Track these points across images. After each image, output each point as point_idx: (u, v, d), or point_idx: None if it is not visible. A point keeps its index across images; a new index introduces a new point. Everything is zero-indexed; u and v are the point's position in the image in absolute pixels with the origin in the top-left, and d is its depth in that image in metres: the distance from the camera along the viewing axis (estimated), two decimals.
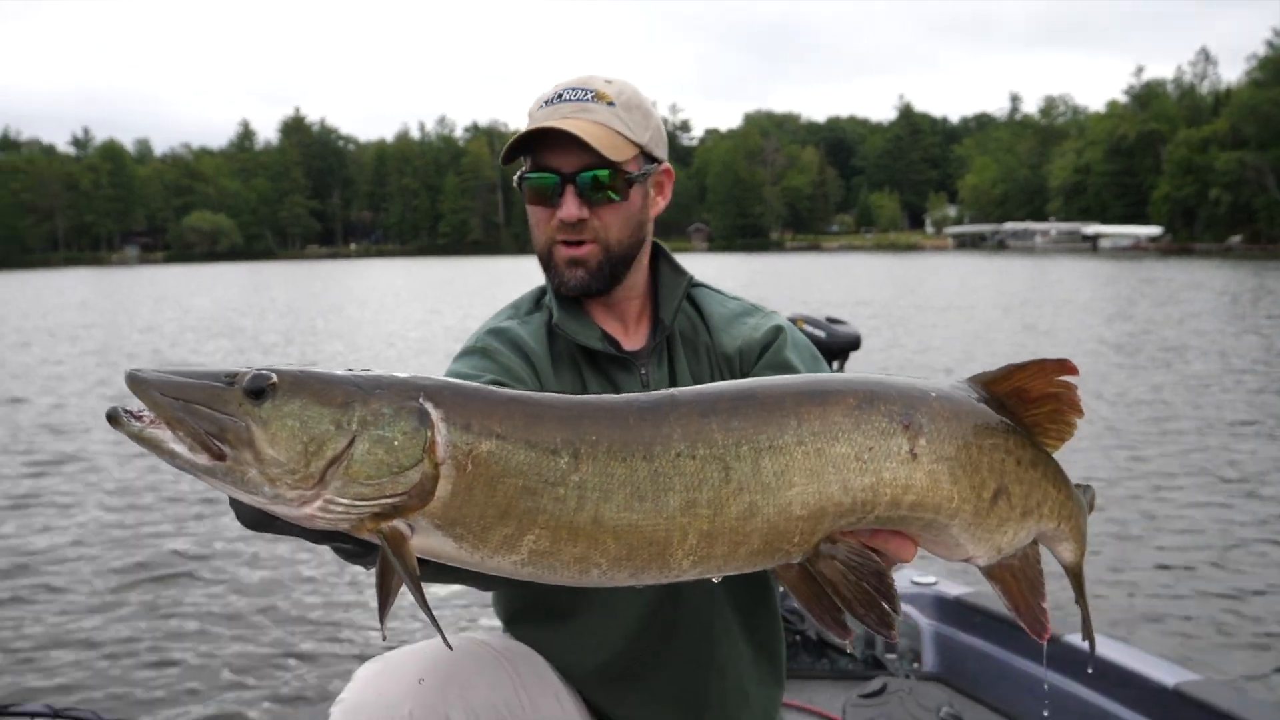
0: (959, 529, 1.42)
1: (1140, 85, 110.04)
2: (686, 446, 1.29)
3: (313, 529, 1.28)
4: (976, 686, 3.58)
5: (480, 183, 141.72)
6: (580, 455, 1.27)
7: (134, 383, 1.22)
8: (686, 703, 2.11)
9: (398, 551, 1.24)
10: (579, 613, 2.09)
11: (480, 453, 1.25)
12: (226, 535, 8.44)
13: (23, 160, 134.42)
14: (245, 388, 1.22)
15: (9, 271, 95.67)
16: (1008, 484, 1.45)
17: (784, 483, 1.31)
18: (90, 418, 14.01)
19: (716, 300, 2.29)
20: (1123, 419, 12.56)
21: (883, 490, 1.35)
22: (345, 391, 1.25)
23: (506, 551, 1.27)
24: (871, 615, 1.36)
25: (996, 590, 1.54)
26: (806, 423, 1.33)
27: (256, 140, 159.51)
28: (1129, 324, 24.64)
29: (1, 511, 9.28)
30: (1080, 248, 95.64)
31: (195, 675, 5.93)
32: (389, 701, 1.74)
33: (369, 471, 1.22)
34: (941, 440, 1.38)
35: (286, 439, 1.21)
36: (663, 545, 1.28)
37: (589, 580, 1.30)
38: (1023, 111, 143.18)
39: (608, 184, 2.04)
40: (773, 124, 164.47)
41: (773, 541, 1.32)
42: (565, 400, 1.34)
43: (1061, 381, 1.49)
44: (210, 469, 1.21)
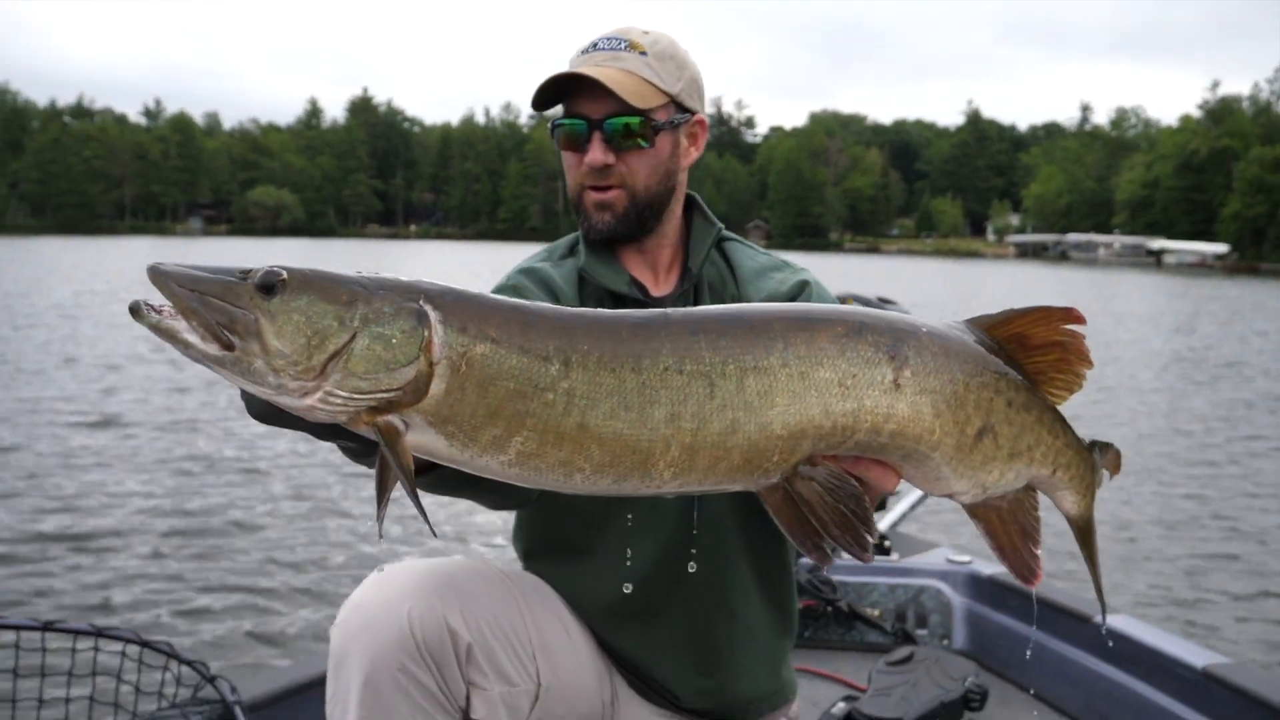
0: (941, 462, 1.46)
1: (1215, 100, 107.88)
2: (674, 361, 1.35)
3: (313, 421, 1.34)
4: (1006, 666, 3.59)
5: (542, 170, 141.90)
6: (571, 363, 1.33)
7: (155, 274, 1.29)
8: (695, 645, 2.14)
9: (392, 445, 1.30)
10: (594, 552, 2.13)
11: (474, 355, 1.31)
12: (265, 481, 8.79)
13: (95, 128, 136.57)
14: (257, 283, 1.29)
15: (77, 237, 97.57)
16: (994, 423, 1.47)
17: (767, 402, 1.36)
18: (140, 379, 14.32)
19: (747, 254, 2.31)
20: (1178, 428, 12.40)
21: (864, 417, 1.39)
22: (350, 290, 1.31)
23: (495, 452, 1.33)
24: (846, 536, 1.41)
25: (980, 530, 1.57)
26: (793, 346, 1.38)
27: (324, 119, 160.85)
28: (1190, 338, 24.21)
29: (54, 460, 9.65)
30: (1144, 262, 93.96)
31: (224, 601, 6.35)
32: (388, 599, 1.80)
33: (367, 366, 1.28)
34: (927, 373, 1.42)
35: (291, 332, 1.27)
36: (645, 455, 1.34)
37: (572, 485, 1.37)
38: (1093, 122, 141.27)
39: (634, 131, 2.06)
40: (838, 124, 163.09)
41: (752, 459, 1.37)
42: (560, 310, 1.39)
43: (1068, 330, 1.50)
44: (219, 359, 1.27)
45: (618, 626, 2.14)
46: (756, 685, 2.19)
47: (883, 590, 3.83)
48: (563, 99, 2.11)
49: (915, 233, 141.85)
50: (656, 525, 2.09)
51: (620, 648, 2.16)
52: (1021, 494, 1.57)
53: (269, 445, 10.36)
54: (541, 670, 1.98)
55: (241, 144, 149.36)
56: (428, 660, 1.79)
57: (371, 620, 1.78)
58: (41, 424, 11.14)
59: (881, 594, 3.83)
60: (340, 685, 1.79)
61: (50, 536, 7.38)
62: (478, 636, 1.86)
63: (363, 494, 8.66)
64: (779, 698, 2.25)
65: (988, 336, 1.51)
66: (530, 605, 2.03)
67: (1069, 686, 3.36)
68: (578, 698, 2.07)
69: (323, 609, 6.25)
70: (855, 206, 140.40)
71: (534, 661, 1.97)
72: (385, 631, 1.77)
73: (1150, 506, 8.96)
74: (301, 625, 6.02)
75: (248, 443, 10.62)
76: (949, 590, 3.78)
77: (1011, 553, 1.56)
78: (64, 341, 18.27)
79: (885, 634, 3.72)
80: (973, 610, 3.74)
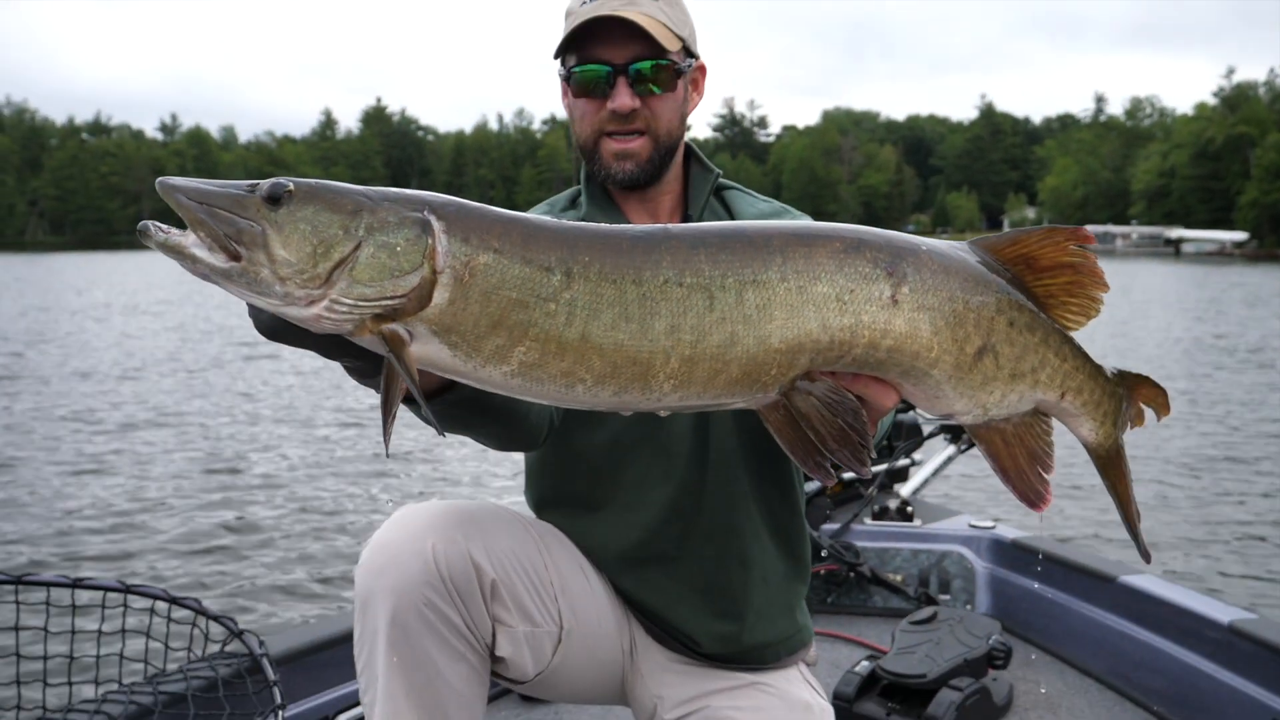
0: (940, 380, 1.46)
1: (1230, 87, 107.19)
2: (674, 274, 1.36)
3: (319, 331, 1.35)
4: (1029, 628, 3.58)
5: (556, 175, 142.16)
6: (573, 274, 1.34)
7: (164, 187, 1.31)
8: (710, 591, 2.13)
9: (396, 352, 1.32)
10: (606, 501, 2.13)
11: (478, 264, 1.32)
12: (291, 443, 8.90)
13: (112, 144, 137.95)
14: (264, 194, 1.30)
15: (96, 252, 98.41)
16: (995, 343, 1.46)
17: (765, 316, 1.37)
18: (168, 383, 14.50)
19: (747, 201, 2.30)
20: (1203, 413, 12.34)
21: (861, 332, 1.40)
22: (355, 201, 1.33)
23: (497, 362, 1.34)
24: (844, 450, 1.42)
25: (983, 452, 1.56)
26: (791, 261, 1.39)
27: (338, 129, 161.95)
28: (1214, 325, 24.06)
29: (80, 433, 9.75)
30: (1162, 251, 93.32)
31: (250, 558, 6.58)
32: (411, 535, 1.80)
33: (372, 274, 1.29)
34: (925, 290, 1.42)
35: (298, 241, 1.29)
36: (646, 366, 1.36)
37: (573, 397, 1.38)
38: (1107, 113, 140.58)
39: (658, 74, 2.05)
40: (851, 121, 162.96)
41: (751, 372, 1.39)
42: (562, 224, 1.40)
43: (1077, 250, 1.49)
44: (226, 271, 1.29)
45: (633, 574, 2.14)
46: (773, 628, 2.19)
47: (905, 556, 3.82)
48: (573, 47, 2.09)
49: (931, 228, 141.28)
50: (667, 473, 2.10)
51: (637, 595, 2.16)
52: (1030, 418, 1.55)
53: (290, 406, 10.63)
54: (564, 613, 1.98)
55: (257, 156, 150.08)
56: (453, 594, 1.78)
57: (395, 557, 1.78)
58: (65, 413, 11.32)
59: (904, 559, 3.82)
60: (367, 624, 1.79)
61: (78, 500, 7.67)
62: (501, 573, 1.86)
63: (378, 443, 8.95)
64: (795, 641, 2.24)
65: (992, 257, 1.50)
66: (549, 549, 2.04)
67: (1094, 647, 3.35)
68: (598, 644, 2.07)
69: (348, 564, 6.36)
70: (870, 203, 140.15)
71: (556, 604, 1.97)
72: (409, 567, 1.76)
73: (1178, 477, 9.01)
74: (328, 580, 6.15)
75: (268, 404, 10.95)
76: (971, 555, 3.78)
77: (1016, 476, 1.55)
78: (81, 349, 18.46)
79: (908, 599, 3.72)
80: (995, 574, 3.74)
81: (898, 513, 3.99)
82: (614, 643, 2.12)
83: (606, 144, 2.12)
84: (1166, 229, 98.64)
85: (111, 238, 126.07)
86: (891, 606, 3.74)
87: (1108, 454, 1.62)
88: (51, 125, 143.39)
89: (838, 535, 3.81)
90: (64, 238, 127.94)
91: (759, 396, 1.42)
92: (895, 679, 2.95)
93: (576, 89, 2.10)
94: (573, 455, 2.12)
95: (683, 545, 2.12)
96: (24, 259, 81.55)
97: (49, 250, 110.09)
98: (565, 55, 2.12)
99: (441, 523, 1.83)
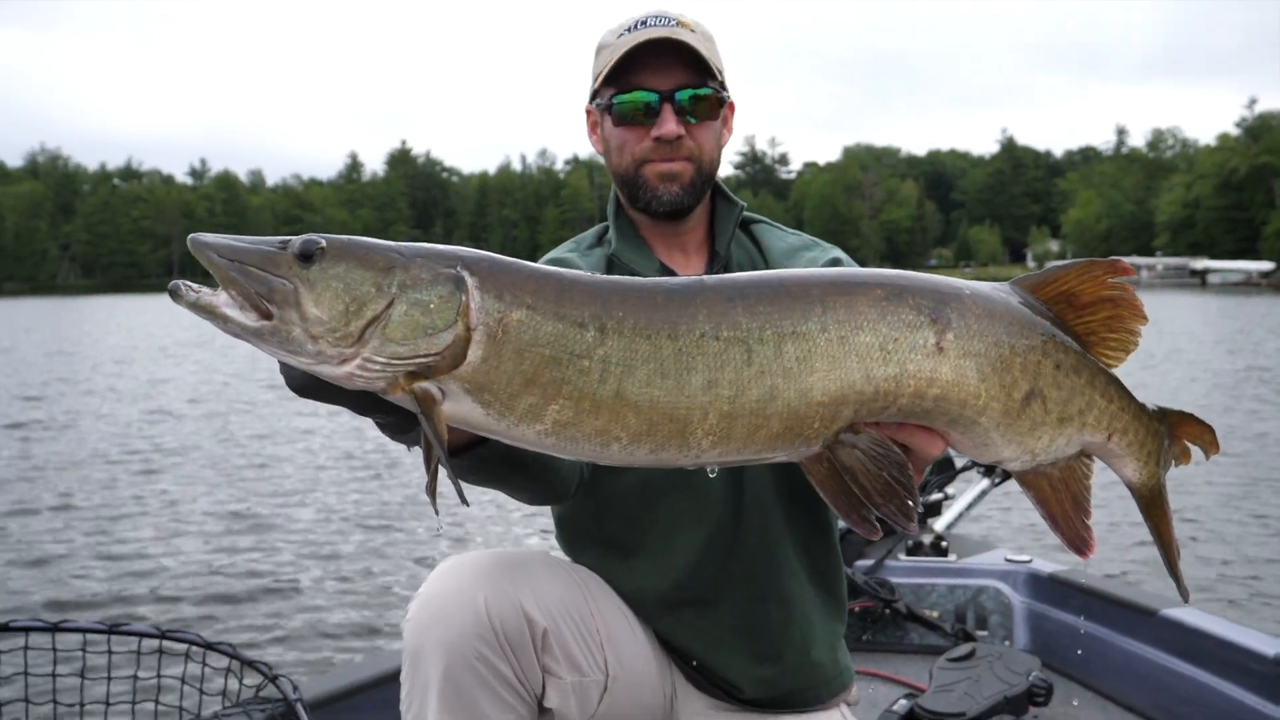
0: (988, 427, 1.42)
1: (1253, 117, 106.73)
2: (711, 328, 1.33)
3: (351, 389, 1.33)
4: (1069, 664, 3.52)
5: (579, 214, 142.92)
6: (607, 330, 1.32)
7: (195, 245, 1.30)
8: (749, 634, 2.10)
9: (428, 413, 1.30)
10: (640, 546, 2.10)
11: (511, 321, 1.30)
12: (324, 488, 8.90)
13: (143, 189, 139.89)
14: (295, 251, 1.29)
15: (127, 295, 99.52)
16: (1042, 387, 1.43)
17: (806, 368, 1.34)
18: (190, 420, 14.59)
19: (775, 234, 2.28)
20: (1242, 445, 12.19)
21: (906, 381, 1.36)
22: (387, 257, 1.32)
23: (531, 420, 1.32)
24: (890, 505, 1.38)
25: (1031, 499, 1.53)
26: (831, 311, 1.35)
27: (364, 172, 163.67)
28: (1250, 357, 23.82)
29: (111, 475, 9.80)
30: (1188, 283, 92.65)
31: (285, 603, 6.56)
32: (462, 588, 1.77)
33: (405, 332, 1.28)
34: (970, 336, 1.39)
35: (330, 299, 1.28)
36: (683, 423, 1.33)
37: (609, 455, 1.35)
38: (1129, 145, 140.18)
39: (706, 102, 2.05)
40: (871, 157, 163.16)
41: (792, 426, 1.35)
42: (596, 278, 1.38)
43: (1116, 284, 1.46)
44: (259, 330, 1.28)
45: (671, 619, 2.11)
46: (815, 671, 2.16)
47: (941, 591, 3.77)
48: (617, 77, 2.07)
49: (954, 262, 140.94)
50: (700, 515, 2.07)
51: (676, 640, 2.12)
52: (1074, 461, 1.51)
53: (320, 449, 10.66)
54: (610, 661, 1.95)
55: (285, 199, 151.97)
56: (505, 648, 1.76)
57: (445, 611, 1.75)
58: (96, 450, 11.44)
59: (940, 595, 3.78)
60: (417, 679, 1.76)
61: (113, 545, 7.70)
62: (551, 623, 1.83)
63: (410, 489, 8.93)
64: (838, 683, 2.21)
65: (1033, 297, 1.47)
66: (594, 596, 2.01)
67: (1136, 682, 3.28)
68: (642, 691, 2.04)
69: (382, 608, 6.36)
70: (892, 238, 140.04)
71: (602, 652, 1.95)
72: (461, 621, 1.74)
73: (1220, 509, 8.94)
74: (361, 623, 6.12)
75: (298, 448, 10.97)
76: (1008, 590, 3.72)
77: (1064, 522, 1.51)
78: (108, 392, 18.61)
79: (945, 635, 3.66)
80: (1033, 609, 3.68)
81: (932, 548, 3.94)
82: (656, 689, 2.09)
83: (650, 168, 2.09)
84: (1192, 260, 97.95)
85: (142, 280, 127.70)
86: (928, 643, 3.69)
87: (1151, 494, 1.58)
88: (84, 171, 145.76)
89: (872, 571, 3.77)
90: (95, 281, 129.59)
91: (801, 450, 1.39)
92: (934, 718, 2.90)
93: (618, 118, 2.08)
94: (602, 499, 2.09)
95: (719, 588, 2.09)
96: (56, 302, 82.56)
97: (80, 294, 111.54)
98: (601, 89, 2.10)
99: (491, 574, 1.81)
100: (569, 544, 2.22)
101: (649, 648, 2.09)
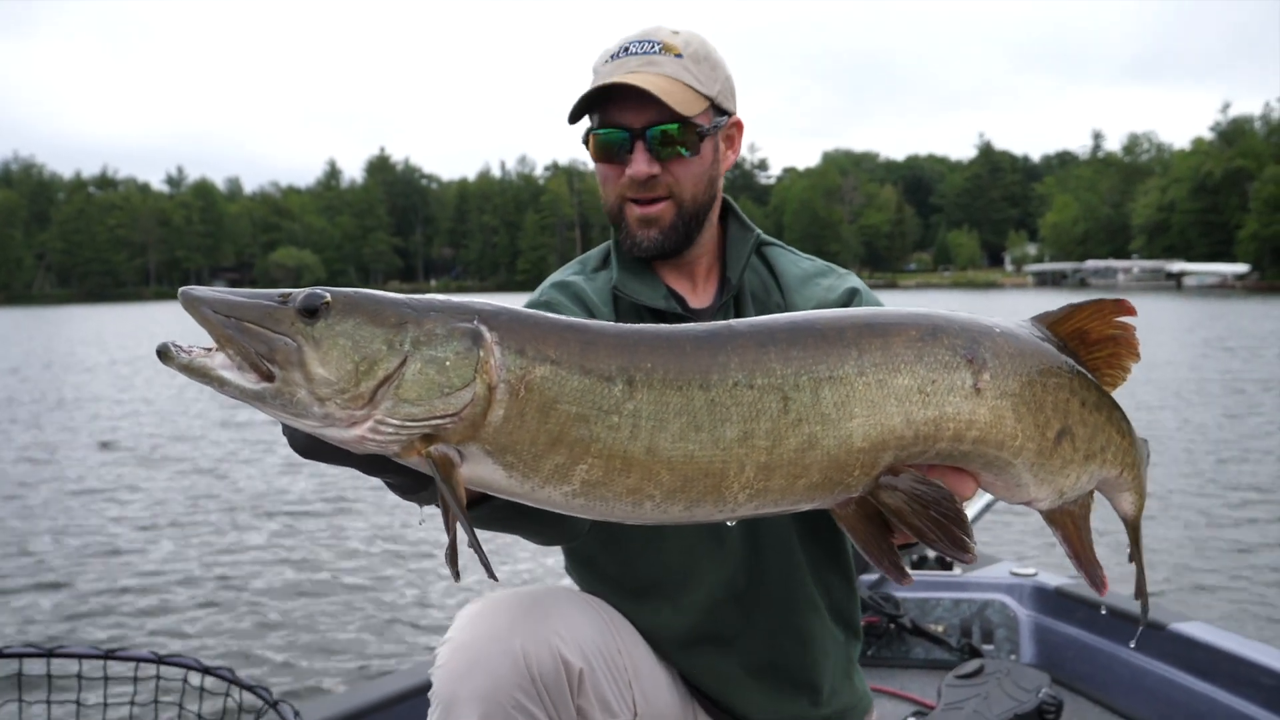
0: (1022, 468, 1.39)
1: (1227, 121, 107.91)
2: (744, 376, 1.26)
3: (362, 453, 1.25)
4: (1077, 678, 3.48)
5: (559, 220, 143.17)
6: (635, 383, 1.24)
7: (187, 300, 1.21)
8: (768, 669, 2.07)
9: (446, 477, 1.21)
10: (656, 583, 2.05)
11: (534, 378, 1.22)
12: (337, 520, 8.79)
13: (119, 197, 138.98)
14: (299, 306, 1.20)
15: (103, 304, 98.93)
16: (1072, 425, 1.41)
17: (845, 414, 1.28)
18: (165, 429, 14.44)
19: (790, 259, 2.21)
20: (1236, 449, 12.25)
21: (946, 424, 1.32)
22: (399, 312, 1.23)
23: (558, 482, 1.24)
24: (945, 540, 1.32)
25: (1058, 536, 1.51)
26: (868, 354, 1.30)
27: (342, 179, 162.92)
28: (1219, 360, 24.00)
29: (107, 500, 9.72)
30: (1164, 285, 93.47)
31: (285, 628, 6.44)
32: (498, 635, 1.72)
33: (420, 392, 1.19)
34: (1006, 376, 1.35)
35: (338, 358, 1.19)
36: (719, 477, 1.25)
37: (642, 514, 1.27)
38: (1105, 149, 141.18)
39: (679, 138, 1.96)
40: (851, 162, 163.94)
41: (832, 475, 1.29)
42: (621, 328, 1.31)
43: (1120, 323, 1.46)
44: (259, 393, 1.19)
45: (691, 655, 2.08)
46: (836, 701, 2.13)
47: (946, 605, 3.74)
48: (595, 107, 2.01)
49: (933, 266, 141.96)
50: (720, 557, 2.03)
51: (696, 677, 2.09)
52: (1088, 498, 1.51)
53: (321, 468, 10.61)
54: (637, 699, 1.92)
55: (262, 207, 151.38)
56: (542, 694, 1.71)
57: (479, 659, 1.69)
58: (94, 465, 11.29)
59: (945, 609, 3.74)
60: None
61: (109, 568, 7.57)
62: (586, 665, 1.79)
63: (413, 517, 8.88)
64: (857, 712, 2.19)
65: (1052, 334, 1.45)
66: (620, 633, 1.97)
67: (1144, 697, 3.25)
68: None
69: (385, 632, 6.28)
70: (871, 243, 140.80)
71: (630, 690, 1.91)
72: (498, 669, 1.68)
73: (1215, 515, 8.92)
74: (364, 649, 6.04)
75: (294, 470, 10.86)
76: (1014, 604, 3.69)
77: (1085, 558, 1.50)
78: (95, 404, 18.45)
79: (951, 650, 3.63)
80: (1040, 623, 3.65)
81: (937, 561, 3.91)
82: None
83: (630, 210, 2.04)
84: (1168, 263, 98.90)
85: (118, 289, 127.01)
86: (934, 658, 3.65)
87: (1137, 523, 1.61)
88: (59, 180, 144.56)
89: (876, 586, 3.73)
90: (71, 290, 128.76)
91: (839, 497, 1.33)
92: None
93: (597, 153, 2.03)
94: (617, 538, 2.03)
95: (738, 628, 2.05)
96: (31, 312, 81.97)
97: (56, 303, 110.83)
98: (590, 113, 2.04)
99: (525, 618, 1.75)
100: (581, 579, 2.17)
101: (671, 683, 2.06)
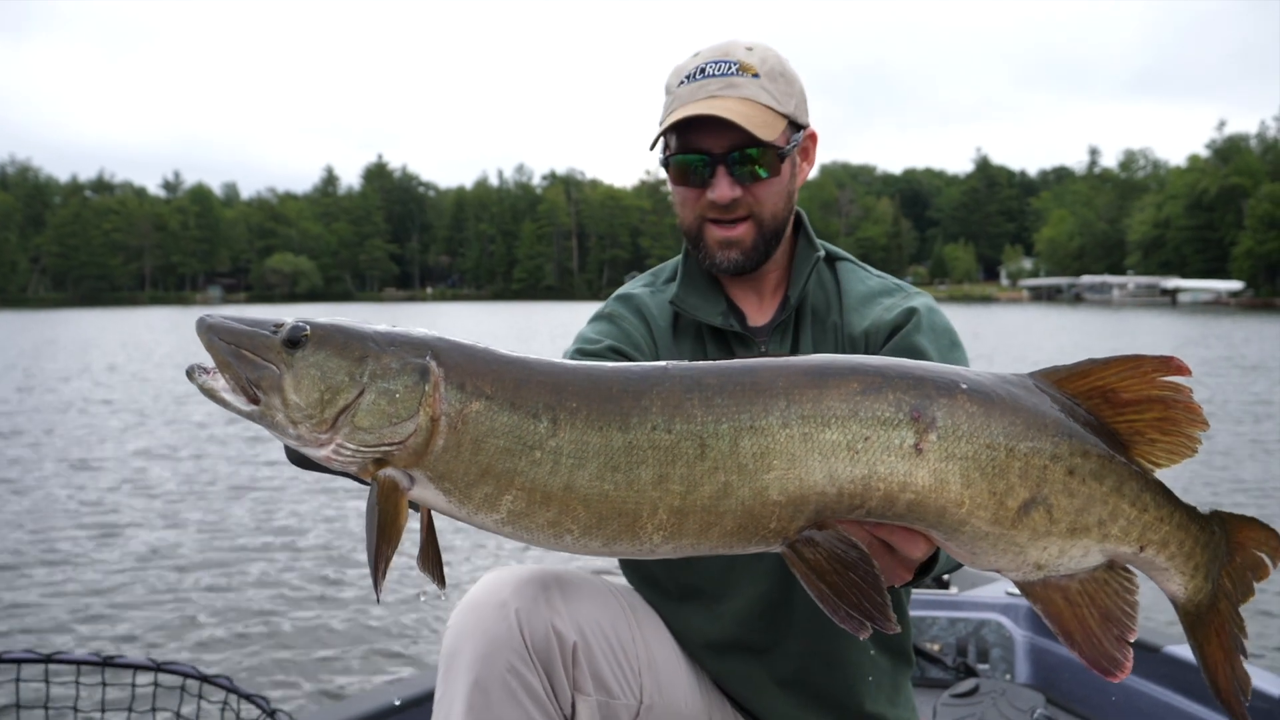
0: (972, 537, 1.30)
1: (1223, 139, 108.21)
2: (663, 421, 1.29)
3: (334, 470, 1.38)
4: (1073, 699, 3.49)
5: (556, 229, 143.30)
6: (559, 421, 1.30)
7: (201, 328, 1.36)
8: (801, 684, 2.07)
9: (385, 496, 1.31)
10: (693, 591, 2.07)
11: (469, 412, 1.31)
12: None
13: (115, 202, 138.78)
14: (283, 338, 1.34)
15: (98, 308, 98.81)
16: (1048, 495, 1.29)
17: (762, 465, 1.27)
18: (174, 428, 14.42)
19: (858, 277, 2.21)
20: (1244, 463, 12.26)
21: (874, 484, 1.27)
22: (363, 346, 1.34)
23: (488, 510, 1.33)
24: (859, 605, 1.29)
25: (1040, 611, 1.37)
26: (796, 404, 1.28)
27: (340, 186, 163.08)
28: (1218, 378, 24.05)
29: (105, 500, 9.68)
30: (1159, 301, 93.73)
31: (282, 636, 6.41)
32: (499, 600, 1.76)
33: (372, 420, 1.31)
34: (956, 437, 1.28)
35: (308, 387, 1.32)
36: (632, 518, 1.30)
37: (563, 546, 1.33)
38: (1101, 165, 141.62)
39: (762, 162, 1.99)
40: (848, 175, 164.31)
41: (747, 525, 1.30)
42: (554, 366, 1.36)
43: (1167, 383, 1.31)
44: (250, 413, 1.34)
45: (722, 661, 2.08)
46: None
47: (942, 624, 3.75)
48: (673, 130, 2.02)
49: (929, 279, 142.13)
50: (754, 566, 2.03)
51: (726, 681, 2.10)
52: (1104, 573, 1.36)
53: (317, 477, 10.59)
54: (646, 688, 1.92)
55: (259, 213, 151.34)
56: (535, 662, 1.74)
57: (482, 620, 1.75)
58: (84, 476, 11.23)
59: (941, 628, 3.75)
60: (449, 685, 1.75)
61: (108, 575, 7.52)
62: (581, 640, 1.81)
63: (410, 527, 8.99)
64: None
65: (1058, 391, 1.34)
66: (641, 623, 1.98)
67: (1138, 719, 3.26)
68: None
69: (382, 641, 6.27)
70: (868, 256, 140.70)
71: (639, 677, 1.92)
72: (494, 630, 1.73)
73: None
74: (362, 658, 6.03)
75: (295, 480, 10.84)
76: (1010, 624, 3.70)
77: (1084, 640, 1.34)
78: (87, 410, 18.40)
79: (946, 669, 3.64)
80: (1035, 643, 3.66)
81: (933, 580, 3.92)
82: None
83: (711, 231, 2.07)
84: (1163, 279, 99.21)
85: (113, 294, 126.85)
86: (930, 677, 3.65)
87: (1198, 610, 1.41)
88: (55, 183, 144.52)
89: None
90: (66, 294, 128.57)
91: (758, 547, 1.33)
92: None
93: (675, 176, 2.05)
94: None
95: (770, 639, 2.06)
96: (26, 315, 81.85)
97: (51, 307, 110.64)
98: (666, 135, 2.06)
99: (527, 587, 1.79)
100: (631, 578, 2.19)
101: (695, 682, 2.06)
